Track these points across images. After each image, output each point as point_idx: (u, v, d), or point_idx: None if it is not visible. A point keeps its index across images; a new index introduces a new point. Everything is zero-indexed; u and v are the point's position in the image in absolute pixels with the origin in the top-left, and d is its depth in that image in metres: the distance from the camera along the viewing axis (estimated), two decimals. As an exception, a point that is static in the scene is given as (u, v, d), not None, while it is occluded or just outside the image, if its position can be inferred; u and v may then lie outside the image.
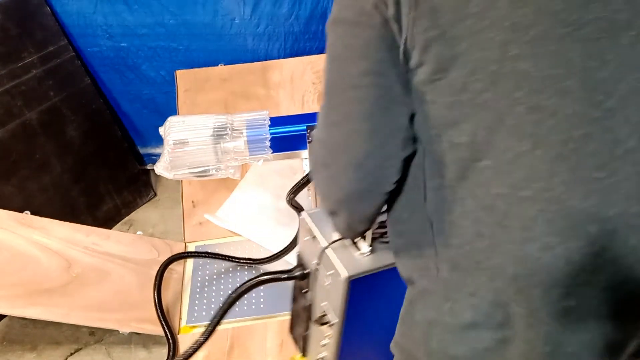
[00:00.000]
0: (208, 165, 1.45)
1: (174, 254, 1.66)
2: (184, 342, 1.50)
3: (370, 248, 0.91)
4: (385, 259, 0.91)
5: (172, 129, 1.44)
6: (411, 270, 0.66)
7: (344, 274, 0.87)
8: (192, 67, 1.90)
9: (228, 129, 1.40)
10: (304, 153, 1.37)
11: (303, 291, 1.03)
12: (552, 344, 0.57)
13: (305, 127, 1.34)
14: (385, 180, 0.64)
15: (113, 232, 1.74)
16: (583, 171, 0.52)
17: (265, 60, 1.90)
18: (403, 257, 0.68)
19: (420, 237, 0.63)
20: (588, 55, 0.51)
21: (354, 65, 0.58)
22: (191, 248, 1.75)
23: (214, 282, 1.62)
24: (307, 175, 1.30)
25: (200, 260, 1.69)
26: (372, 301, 0.97)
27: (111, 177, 1.93)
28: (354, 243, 0.93)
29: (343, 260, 0.90)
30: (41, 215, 1.61)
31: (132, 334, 1.53)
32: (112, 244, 1.65)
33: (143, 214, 1.99)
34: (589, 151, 0.52)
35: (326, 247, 0.92)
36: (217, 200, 1.84)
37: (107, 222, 1.91)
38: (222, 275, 1.62)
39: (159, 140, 1.41)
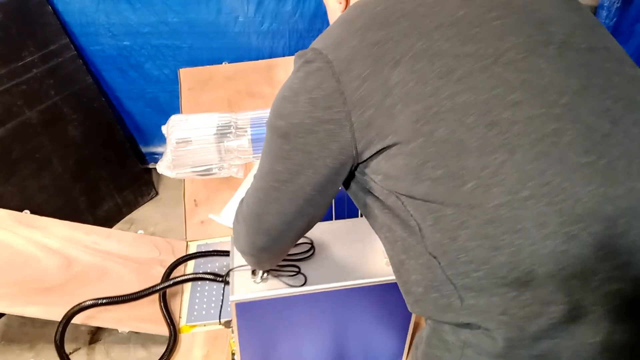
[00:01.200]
0: (211, 164, 1.44)
1: (183, 255, 1.66)
2: (184, 341, 1.48)
3: (265, 276, 1.07)
4: (275, 287, 1.07)
5: (175, 127, 1.44)
6: (434, 311, 0.66)
7: (233, 297, 1.04)
8: (195, 66, 1.89)
9: (232, 128, 1.40)
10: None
11: None
12: (602, 333, 0.57)
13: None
14: (285, 244, 0.83)
15: (114, 231, 1.72)
16: (571, 159, 0.55)
17: (270, 58, 1.90)
18: (424, 303, 0.67)
19: (432, 278, 0.63)
20: (521, 71, 0.58)
21: (279, 164, 0.70)
22: (193, 247, 1.74)
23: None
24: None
25: (202, 259, 1.68)
26: (261, 323, 1.13)
27: (112, 176, 1.92)
28: (253, 272, 1.09)
29: (239, 284, 1.07)
30: (42, 215, 1.59)
31: (131, 333, 1.51)
32: (112, 242, 1.64)
33: (144, 212, 1.98)
34: (568, 141, 0.55)
35: (231, 270, 1.09)
36: (219, 199, 1.83)
37: (108, 221, 1.89)
38: (224, 269, 1.61)
39: (162, 139, 1.41)
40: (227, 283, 1.11)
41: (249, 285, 1.08)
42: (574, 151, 0.55)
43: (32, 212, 1.61)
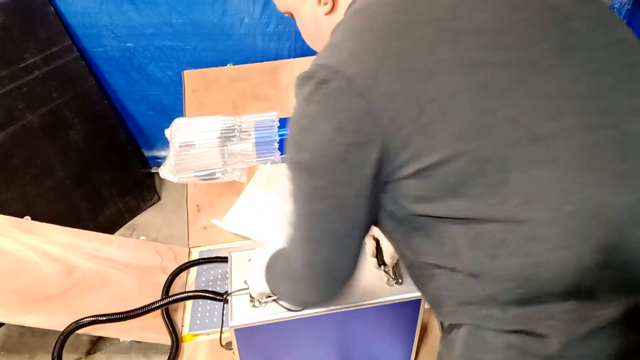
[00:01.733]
0: (214, 168, 1.42)
1: (185, 262, 1.64)
2: (187, 351, 1.46)
3: (264, 300, 1.05)
4: (274, 311, 1.05)
5: (178, 131, 1.41)
6: (472, 320, 0.65)
7: (232, 323, 1.04)
8: (200, 68, 1.88)
9: (236, 131, 1.37)
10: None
11: None
12: None
13: (315, 128, 1.31)
14: (351, 274, 0.73)
15: (115, 237, 1.72)
16: (611, 168, 0.55)
17: (276, 60, 1.88)
18: (461, 315, 0.66)
19: (468, 295, 0.62)
20: (558, 79, 0.57)
21: (317, 203, 0.64)
22: (195, 253, 1.73)
23: (218, 288, 1.58)
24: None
25: (204, 265, 1.66)
26: (262, 346, 1.13)
27: (114, 181, 1.91)
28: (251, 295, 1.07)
29: (237, 309, 1.06)
30: (42, 221, 1.58)
31: (132, 342, 1.50)
32: (113, 249, 1.63)
33: (147, 218, 1.97)
34: (607, 150, 0.55)
35: (230, 294, 1.08)
36: (222, 204, 1.81)
37: (110, 227, 1.88)
38: (226, 280, 1.59)
39: (165, 143, 1.38)
40: (226, 302, 1.10)
41: (247, 309, 1.06)
42: (613, 159, 0.55)
43: (33, 218, 1.59)
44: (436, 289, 0.66)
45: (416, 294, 1.08)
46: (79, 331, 1.33)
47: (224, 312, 1.09)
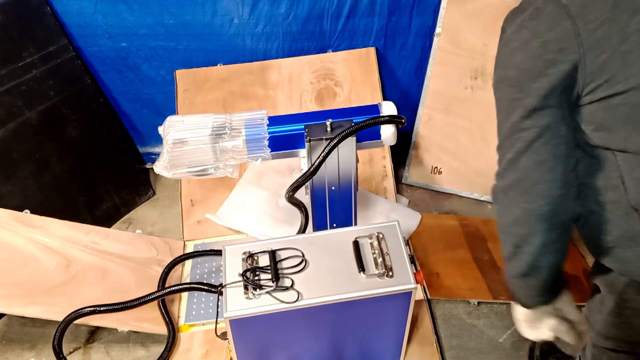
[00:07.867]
0: (207, 165, 1.45)
1: (180, 255, 1.67)
2: (184, 341, 1.50)
3: (258, 292, 1.08)
4: (268, 303, 1.07)
5: (171, 128, 1.44)
6: (630, 261, 0.69)
7: (227, 314, 1.07)
8: (191, 67, 1.90)
9: (227, 129, 1.40)
10: (302, 152, 1.38)
11: None
12: None
13: (303, 127, 1.34)
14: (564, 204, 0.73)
15: (112, 231, 1.74)
16: None
17: (264, 60, 1.90)
18: (618, 253, 0.71)
19: (626, 229, 0.67)
20: None
21: (516, 114, 0.68)
22: (190, 246, 1.76)
23: (212, 280, 1.62)
24: (305, 173, 1.30)
25: (199, 258, 1.70)
26: (256, 336, 1.16)
27: (110, 176, 1.94)
28: (246, 287, 1.10)
29: (232, 300, 1.09)
30: (41, 214, 1.61)
31: (130, 332, 1.53)
32: (111, 242, 1.66)
33: (142, 212, 1.99)
34: None
35: (225, 285, 1.11)
36: (215, 199, 1.85)
37: (107, 220, 1.91)
38: (220, 273, 1.63)
39: (158, 140, 1.41)
40: (220, 294, 1.12)
41: (241, 301, 1.09)
42: None
43: (32, 212, 1.62)
44: (595, 224, 0.71)
45: (407, 287, 1.11)
46: (78, 321, 1.37)
47: (219, 303, 1.12)
